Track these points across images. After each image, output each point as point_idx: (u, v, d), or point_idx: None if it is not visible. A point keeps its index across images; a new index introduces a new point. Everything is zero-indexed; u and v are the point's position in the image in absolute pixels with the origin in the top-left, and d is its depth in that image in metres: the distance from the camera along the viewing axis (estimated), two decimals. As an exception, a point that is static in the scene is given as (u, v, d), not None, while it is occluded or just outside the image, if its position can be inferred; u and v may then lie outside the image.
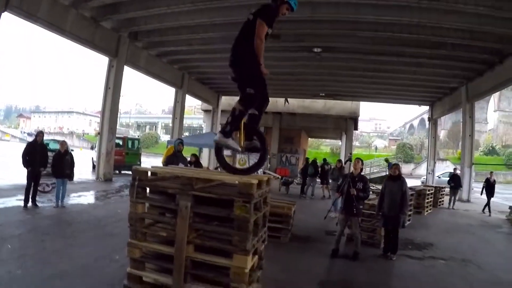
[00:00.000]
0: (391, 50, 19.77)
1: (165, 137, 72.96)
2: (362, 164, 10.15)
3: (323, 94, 32.61)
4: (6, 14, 14.68)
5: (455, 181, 22.30)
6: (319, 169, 23.11)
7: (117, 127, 22.30)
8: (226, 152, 5.90)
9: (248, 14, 5.49)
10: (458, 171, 23.38)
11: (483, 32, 16.91)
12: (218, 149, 5.65)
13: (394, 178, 9.94)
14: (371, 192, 11.83)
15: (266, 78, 5.57)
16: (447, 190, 23.14)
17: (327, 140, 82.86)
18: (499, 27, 16.03)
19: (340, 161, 17.06)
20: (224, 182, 4.93)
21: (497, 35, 17.08)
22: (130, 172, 22.93)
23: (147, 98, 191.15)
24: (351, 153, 29.21)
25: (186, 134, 45.14)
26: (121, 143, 25.31)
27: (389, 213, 9.53)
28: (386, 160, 32.64)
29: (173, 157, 11.92)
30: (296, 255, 9.08)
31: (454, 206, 21.60)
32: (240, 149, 5.47)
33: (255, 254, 5.08)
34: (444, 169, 43.23)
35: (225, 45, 19.62)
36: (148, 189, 5.11)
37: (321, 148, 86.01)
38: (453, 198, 22.01)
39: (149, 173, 5.02)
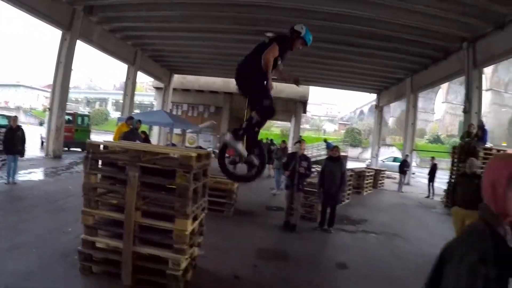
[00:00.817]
0: (343, 39, 20.37)
1: (115, 114, 71.33)
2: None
3: (274, 77, 33.07)
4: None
5: (405, 166, 23.41)
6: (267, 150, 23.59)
7: (67, 103, 21.90)
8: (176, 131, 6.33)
9: (265, 38, 5.90)
10: (408, 159, 24.45)
11: (431, 30, 17.84)
12: (222, 152, 5.98)
13: (334, 159, 10.68)
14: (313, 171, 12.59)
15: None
16: (388, 173, 24.25)
17: (278, 122, 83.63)
18: (446, 27, 17.20)
19: (284, 142, 17.75)
20: (168, 155, 5.34)
21: (444, 34, 18.15)
22: (79, 149, 22.87)
23: (98, 73, 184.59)
24: (300, 136, 29.95)
25: (137, 111, 44.79)
26: (70, 119, 24.57)
27: (330, 191, 10.33)
28: (325, 140, 33.43)
29: (130, 133, 12.40)
30: (238, 227, 9.72)
31: (402, 189, 22.65)
32: (245, 155, 5.77)
33: (196, 220, 5.65)
34: (390, 154, 44.70)
35: (182, 24, 19.94)
36: (100, 162, 5.50)
37: (272, 129, 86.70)
38: (402, 182, 23.12)
39: (101, 147, 5.47)
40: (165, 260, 5.19)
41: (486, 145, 17.07)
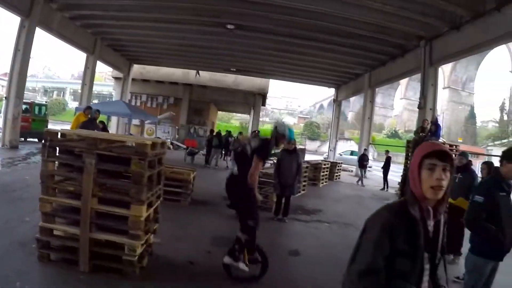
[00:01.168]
0: (301, 34, 20.68)
1: (73, 104, 70.00)
2: None
3: (234, 69, 33.18)
4: None
5: (364, 160, 23.86)
6: (224, 141, 23.82)
7: (24, 92, 21.32)
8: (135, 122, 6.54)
9: (247, 145, 6.21)
10: (367, 153, 24.98)
11: (388, 28, 18.44)
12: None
13: (290, 152, 10.99)
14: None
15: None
16: (344, 166, 24.73)
17: (238, 114, 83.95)
18: (404, 25, 17.85)
19: (241, 133, 18.01)
20: (124, 144, 5.49)
21: (402, 31, 18.78)
22: (36, 140, 22.48)
23: (56, 62, 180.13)
24: (258, 130, 30.23)
25: (95, 101, 44.28)
26: (27, 108, 24.00)
27: (286, 182, 10.69)
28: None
29: (88, 123, 12.43)
30: (194, 216, 9.92)
31: (363, 183, 23.16)
32: (248, 269, 6.13)
33: (151, 207, 5.81)
34: (348, 148, 45.46)
35: (142, 13, 19.84)
36: (58, 149, 5.57)
37: (231, 121, 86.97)
38: (362, 175, 23.57)
39: (59, 135, 5.56)
40: (121, 246, 5.31)
41: (439, 140, 17.68)
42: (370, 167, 30.47)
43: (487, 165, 7.77)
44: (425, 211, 2.17)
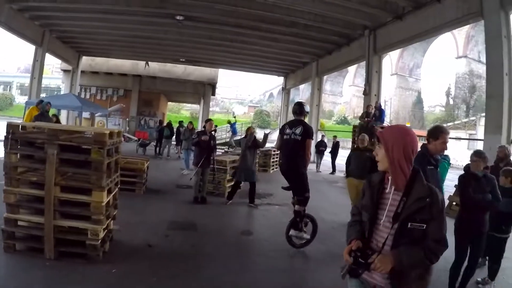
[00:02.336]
0: (248, 24, 20.85)
1: (20, 99, 68.01)
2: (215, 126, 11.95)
3: (183, 60, 33.09)
4: None
5: (321, 146, 24.05)
6: (175, 131, 24.02)
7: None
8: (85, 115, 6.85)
9: (292, 134, 7.32)
10: (325, 138, 25.09)
11: (333, 18, 18.92)
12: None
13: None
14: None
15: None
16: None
17: (188, 105, 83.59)
18: (349, 15, 18.33)
19: (191, 122, 18.25)
20: (84, 134, 5.80)
21: (346, 21, 19.31)
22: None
23: (0, 55, 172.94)
24: (210, 119, 30.39)
25: (43, 95, 43.32)
26: None
27: (246, 168, 11.35)
28: (229, 122, 34.09)
29: (41, 116, 12.49)
30: (149, 204, 10.27)
31: (320, 169, 23.42)
32: (309, 236, 7.49)
33: (110, 193, 6.10)
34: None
35: (89, 4, 19.65)
36: (19, 141, 5.68)
37: (181, 112, 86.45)
38: (319, 161, 23.88)
39: (20, 127, 5.74)
40: (85, 231, 5.59)
41: (383, 124, 18.40)
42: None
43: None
44: (386, 179, 2.89)
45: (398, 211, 2.72)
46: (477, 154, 5.83)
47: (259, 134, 15.25)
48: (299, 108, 7.54)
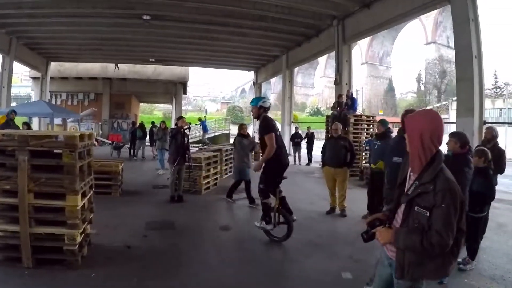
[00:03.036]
0: (216, 20, 20.83)
1: None
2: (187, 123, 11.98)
3: (152, 60, 32.99)
4: None
5: (296, 137, 23.82)
6: (148, 132, 23.86)
7: None
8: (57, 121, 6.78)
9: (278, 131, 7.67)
10: (299, 130, 24.90)
11: (301, 10, 19.07)
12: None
13: (245, 136, 11.76)
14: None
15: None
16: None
17: (161, 105, 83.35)
18: (316, 6, 18.55)
19: (163, 122, 18.16)
20: (54, 138, 5.72)
21: (313, 12, 19.54)
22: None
23: None
24: (182, 116, 30.21)
25: (14, 104, 42.61)
26: None
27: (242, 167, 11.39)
28: (199, 119, 34.05)
29: (6, 125, 12.32)
30: (126, 205, 10.22)
31: (301, 162, 23.32)
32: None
33: (85, 197, 6.03)
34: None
35: (54, 9, 19.37)
36: None
37: (154, 113, 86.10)
38: (297, 155, 23.52)
39: None
40: (62, 237, 5.53)
41: (356, 113, 18.57)
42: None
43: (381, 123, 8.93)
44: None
45: (408, 192, 2.88)
46: (450, 134, 5.96)
47: (235, 129, 15.35)
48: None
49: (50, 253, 5.62)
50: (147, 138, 23.88)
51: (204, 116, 38.77)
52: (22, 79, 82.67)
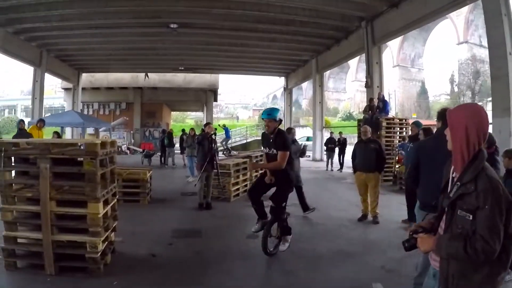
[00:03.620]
0: (244, 26, 20.85)
1: (27, 121, 68.05)
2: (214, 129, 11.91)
3: (182, 68, 33.06)
4: None
5: (330, 143, 23.32)
6: (180, 139, 23.84)
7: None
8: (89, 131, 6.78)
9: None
10: (334, 135, 24.33)
11: (328, 12, 18.91)
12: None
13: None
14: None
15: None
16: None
17: (192, 113, 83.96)
18: (342, 7, 18.39)
19: (193, 129, 18.11)
20: (76, 146, 5.71)
21: (341, 14, 19.35)
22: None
23: (3, 80, 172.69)
24: (209, 122, 30.24)
25: (48, 114, 43.32)
26: None
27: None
28: (223, 126, 33.94)
29: (17, 135, 12.55)
30: (154, 213, 10.19)
31: (333, 167, 22.94)
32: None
33: (107, 204, 6.00)
34: (304, 134, 45.93)
35: (82, 21, 19.63)
36: (13, 158, 5.68)
37: (186, 121, 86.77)
38: (330, 160, 23.14)
39: (12, 145, 5.68)
40: (84, 244, 5.48)
41: (388, 116, 18.26)
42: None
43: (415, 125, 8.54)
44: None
45: (450, 195, 2.65)
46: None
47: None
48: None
49: (72, 260, 5.59)
50: (177, 145, 23.98)
51: (224, 124, 38.73)
52: (56, 91, 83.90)
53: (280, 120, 6.86)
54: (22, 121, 13.89)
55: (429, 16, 16.53)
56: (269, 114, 6.75)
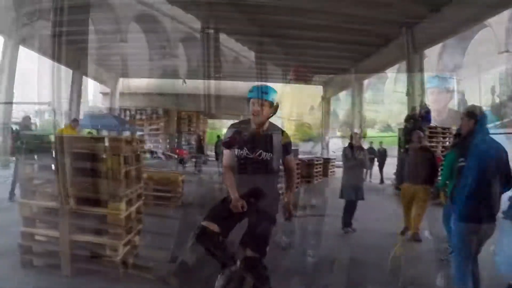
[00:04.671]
0: (284, 33, 20.76)
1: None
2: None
3: (219, 75, 33.22)
4: None
5: (370, 154, 22.78)
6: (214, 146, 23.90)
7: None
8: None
9: None
10: (374, 145, 24.16)
11: (366, 17, 18.15)
12: None
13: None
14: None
15: None
16: (338, 162, 24.59)
17: (230, 121, 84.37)
18: (381, 13, 17.72)
19: (218, 136, 18.05)
20: (99, 141, 5.45)
21: (380, 20, 18.71)
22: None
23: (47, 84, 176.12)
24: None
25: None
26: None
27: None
28: None
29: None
30: (184, 217, 9.76)
31: (370, 178, 22.14)
32: None
33: (131, 205, 5.69)
34: (341, 145, 45.64)
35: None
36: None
37: (223, 128, 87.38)
38: (369, 172, 21.86)
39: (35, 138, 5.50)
40: (103, 246, 5.25)
41: (430, 125, 17.65)
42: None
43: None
44: None
45: None
46: None
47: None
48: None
49: (90, 263, 5.32)
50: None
51: None
52: (95, 95, 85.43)
53: (276, 107, 4.58)
54: (76, 120, 13.95)
55: (472, 21, 16.62)
56: (265, 93, 4.47)
